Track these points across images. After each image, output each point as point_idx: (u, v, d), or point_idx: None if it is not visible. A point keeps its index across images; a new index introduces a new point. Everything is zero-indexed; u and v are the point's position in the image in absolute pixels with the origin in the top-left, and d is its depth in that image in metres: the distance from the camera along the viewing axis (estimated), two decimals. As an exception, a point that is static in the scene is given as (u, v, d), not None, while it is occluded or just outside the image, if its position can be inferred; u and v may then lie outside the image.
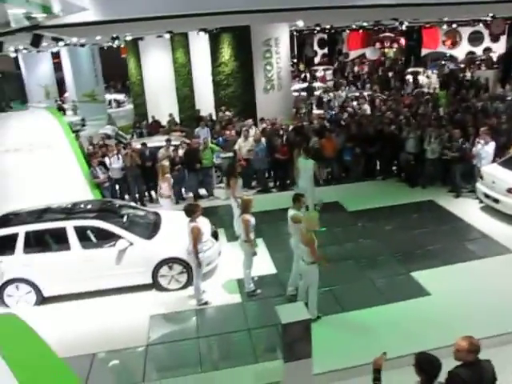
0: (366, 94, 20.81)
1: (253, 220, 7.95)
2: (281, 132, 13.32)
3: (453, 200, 11.60)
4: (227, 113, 16.63)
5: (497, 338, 6.58)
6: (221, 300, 8.02)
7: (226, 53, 17.42)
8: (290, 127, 13.53)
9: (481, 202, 11.05)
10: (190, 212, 7.89)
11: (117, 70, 34.19)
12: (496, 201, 10.31)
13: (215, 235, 9.06)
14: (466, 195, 11.70)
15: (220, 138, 14.11)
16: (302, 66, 37.33)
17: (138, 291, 8.30)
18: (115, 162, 12.05)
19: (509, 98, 18.36)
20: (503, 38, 33.66)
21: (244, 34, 17.18)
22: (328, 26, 29.91)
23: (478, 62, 34.62)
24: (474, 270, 8.50)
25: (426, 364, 4.24)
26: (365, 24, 27.64)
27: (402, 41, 39.52)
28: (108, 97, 32.34)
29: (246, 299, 8.01)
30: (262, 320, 7.37)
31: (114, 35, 17.74)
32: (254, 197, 10.40)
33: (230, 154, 12.81)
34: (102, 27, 13.08)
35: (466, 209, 11.04)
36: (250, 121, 14.89)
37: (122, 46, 28.99)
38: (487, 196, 10.60)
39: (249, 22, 16.09)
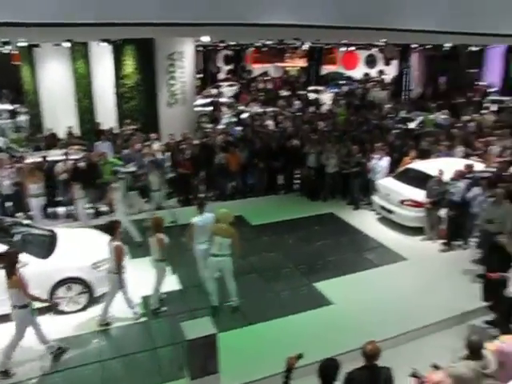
0: (269, 110, 21.37)
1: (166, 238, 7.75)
2: (184, 146, 13.15)
3: (352, 212, 12.22)
4: (131, 126, 16.17)
5: (394, 338, 7.06)
6: (125, 320, 7.69)
7: (130, 65, 16.98)
8: (195, 142, 13.45)
9: (377, 213, 11.74)
10: (112, 229, 7.59)
11: (9, 78, 31.84)
12: (390, 212, 11.02)
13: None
14: (363, 207, 12.38)
15: (124, 152, 13.62)
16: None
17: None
18: (6, 178, 11.17)
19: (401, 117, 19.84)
20: (394, 62, 36.43)
21: (148, 47, 16.90)
22: (233, 43, 30.54)
23: (373, 83, 37.09)
24: (373, 277, 9.00)
25: (325, 369, 4.41)
26: (268, 42, 28.46)
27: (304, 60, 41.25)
28: (-2, 107, 30.03)
29: (151, 317, 7.77)
30: (167, 338, 7.18)
31: (4, 40, 16.56)
32: (157, 212, 10.27)
33: (132, 169, 12.43)
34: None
35: (364, 220, 11.67)
36: (153, 135, 14.62)
37: (15, 52, 27.16)
38: (383, 207, 11.29)
39: (153, 35, 15.87)
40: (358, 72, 40.98)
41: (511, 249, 7.12)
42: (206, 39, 19.20)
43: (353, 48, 35.43)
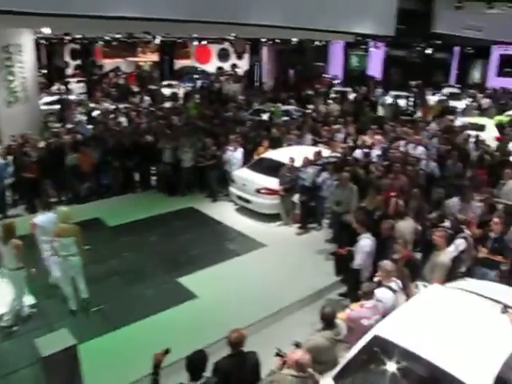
0: (121, 106, 20.61)
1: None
2: (28, 149, 12.07)
3: (211, 204, 12.36)
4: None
5: (260, 322, 7.35)
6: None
7: (-45, 58, 15.10)
8: (41, 144, 12.41)
9: (235, 203, 12.01)
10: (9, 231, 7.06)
11: None
12: (248, 201, 11.36)
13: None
14: (222, 199, 12.58)
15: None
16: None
17: None
18: None
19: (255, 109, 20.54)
20: (246, 56, 37.59)
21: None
22: (79, 36, 28.79)
23: (226, 77, 37.84)
24: (235, 266, 9.21)
25: (192, 361, 4.42)
26: (118, 36, 27.38)
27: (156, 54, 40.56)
28: None
29: (1, 339, 7.02)
30: (21, 360, 6.48)
31: None
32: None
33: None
34: None
35: (223, 211, 11.87)
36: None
37: None
38: (240, 198, 11.59)
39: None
40: (212, 66, 41.51)
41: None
42: (46, 31, 17.80)
43: (205, 42, 35.79)
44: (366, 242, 7.24)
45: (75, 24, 16.13)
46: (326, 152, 11.94)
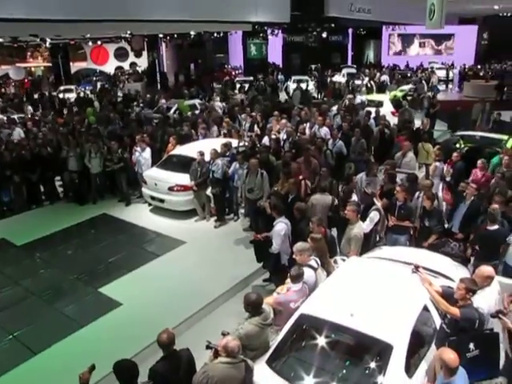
0: (15, 116, 19.30)
1: None
2: None
3: (124, 208, 11.98)
4: None
5: (188, 320, 7.32)
6: None
7: None
8: None
9: (149, 204, 11.77)
10: None
11: None
12: (161, 201, 11.16)
13: None
14: (135, 201, 12.27)
15: None
16: None
17: None
18: None
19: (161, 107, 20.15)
20: (145, 53, 36.80)
21: None
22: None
23: (126, 76, 36.84)
24: (157, 267, 9.03)
25: (122, 371, 4.31)
26: (0, 40, 25.52)
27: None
28: None
29: None
30: None
31: None
32: None
33: None
34: None
35: (138, 214, 11.56)
36: None
37: None
38: (153, 198, 11.37)
39: None
40: (111, 66, 40.21)
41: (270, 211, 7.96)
42: None
43: (99, 42, 34.53)
44: (280, 226, 7.41)
45: None
46: (234, 143, 12.00)
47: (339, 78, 29.61)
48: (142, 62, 39.55)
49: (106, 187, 12.54)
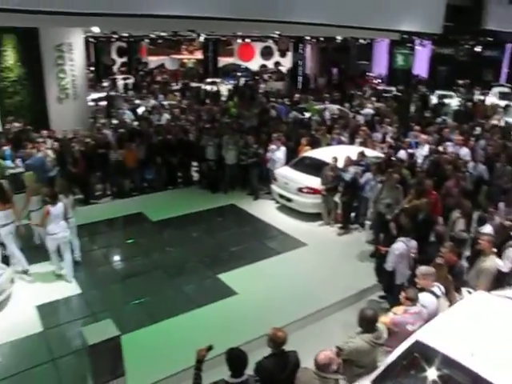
0: (165, 103, 20.95)
1: None
2: (76, 144, 12.47)
3: (252, 202, 12.38)
4: (16, 124, 15.00)
5: (299, 321, 7.31)
6: (18, 333, 7.10)
7: (11, 56, 15.71)
8: (88, 139, 12.81)
9: (276, 202, 12.01)
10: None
11: None
12: (289, 200, 11.35)
13: (6, 261, 8.09)
14: (263, 197, 12.60)
15: (6, 150, 12.58)
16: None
17: None
18: None
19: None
20: (289, 54, 37.57)
21: (31, 37, 15.73)
22: (126, 34, 29.53)
23: (269, 74, 37.90)
24: (275, 264, 9.21)
25: (235, 358, 4.46)
26: (163, 34, 27.92)
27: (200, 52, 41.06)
28: None
29: (48, 327, 7.30)
30: (67, 346, 6.78)
31: None
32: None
33: (20, 170, 11.58)
34: None
35: (264, 209, 11.89)
36: (44, 132, 13.74)
37: None
38: (281, 196, 11.60)
39: (36, 23, 14.81)
40: (255, 64, 41.64)
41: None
42: (96, 30, 18.35)
43: (248, 40, 35.96)
44: (398, 245, 7.10)
45: (122, 23, 16.53)
46: (369, 152, 11.78)
47: (491, 98, 27.44)
48: (286, 62, 40.43)
49: (238, 179, 13.06)
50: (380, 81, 35.10)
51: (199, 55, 41.72)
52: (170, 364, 6.35)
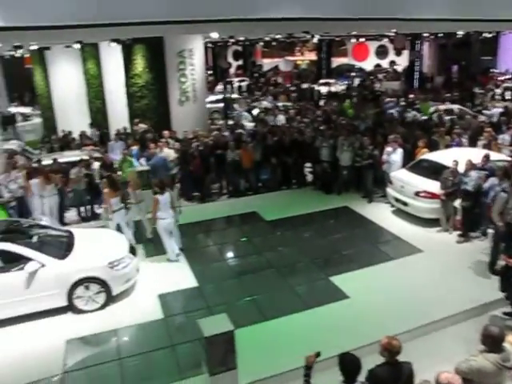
0: (280, 104, 21.28)
1: None
2: (197, 143, 13.15)
3: (366, 205, 12.12)
4: (142, 125, 16.24)
5: (412, 331, 6.96)
6: (142, 317, 7.72)
7: (140, 64, 17.06)
8: (208, 139, 13.44)
9: (392, 205, 11.64)
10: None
11: (22, 81, 32.30)
12: (405, 204, 10.92)
13: (133, 251, 8.77)
14: (378, 200, 12.27)
15: (133, 151, 13.64)
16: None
17: (52, 315, 7.76)
18: (14, 181, 11.23)
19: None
20: (405, 52, 36.15)
21: (157, 45, 16.96)
22: (242, 38, 30.49)
23: (384, 74, 36.81)
24: (389, 270, 8.93)
25: (348, 364, 4.37)
26: (278, 36, 28.38)
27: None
28: (12, 110, 30.34)
29: (168, 315, 7.81)
30: (185, 335, 7.20)
31: (17, 43, 16.73)
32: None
33: (146, 167, 12.46)
34: (2, 34, 12.28)
35: (379, 213, 11.58)
36: (165, 133, 14.69)
37: (27, 55, 27.43)
38: (397, 200, 11.20)
39: (162, 33, 15.88)
40: (369, 63, 40.67)
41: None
42: (214, 35, 19.17)
43: (363, 39, 35.22)
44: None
45: (240, 27, 17.09)
46: (494, 155, 10.92)
47: None
48: (401, 61, 38.96)
49: (352, 181, 12.86)
50: (508, 77, 32.32)
51: (313, 56, 41.71)
52: (278, 362, 6.43)
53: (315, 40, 28.72)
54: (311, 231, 10.81)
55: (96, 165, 12.30)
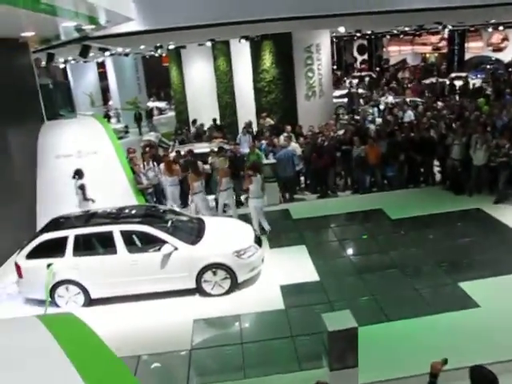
0: (408, 99, 20.42)
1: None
2: (320, 140, 13.18)
3: (501, 208, 11.15)
4: (268, 119, 16.66)
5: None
6: (264, 306, 8.00)
7: (268, 60, 17.50)
8: (332, 134, 13.39)
9: (531, 210, 10.64)
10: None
11: (159, 79, 34.99)
12: (547, 209, 9.91)
13: (258, 242, 9.08)
14: (515, 203, 11.26)
15: (262, 145, 14.04)
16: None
17: (181, 295, 8.39)
18: (152, 170, 12.22)
19: None
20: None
21: (285, 41, 17.26)
22: (369, 32, 29.79)
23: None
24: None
25: (481, 378, 4.11)
26: (406, 29, 27.24)
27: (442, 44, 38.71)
28: (150, 104, 33.00)
29: (289, 306, 7.97)
30: (304, 327, 7.30)
31: (158, 44, 18.12)
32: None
33: (273, 161, 12.75)
34: (146, 36, 13.41)
35: (516, 217, 10.66)
36: (288, 127, 14.85)
37: (164, 54, 29.66)
38: (539, 204, 10.20)
39: (290, 28, 16.13)
40: (509, 54, 37.23)
41: None
42: (342, 29, 19.00)
43: (501, 28, 32.28)
44: None
45: (368, 21, 16.73)
46: None
47: None
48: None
49: (486, 182, 11.94)
50: None
51: (444, 49, 39.32)
52: (400, 366, 6.26)
53: (446, 31, 27.09)
54: (439, 233, 10.28)
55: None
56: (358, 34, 30.53)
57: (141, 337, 7.42)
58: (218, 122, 19.57)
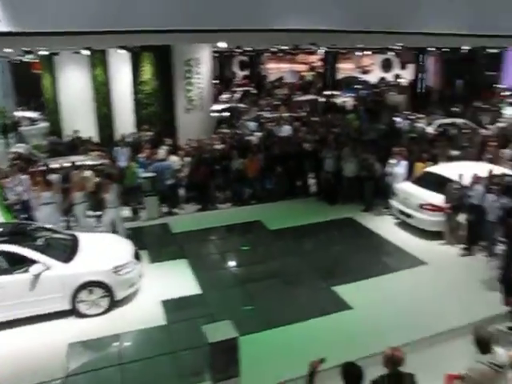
0: (285, 115, 21.33)
1: None
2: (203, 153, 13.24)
3: (370, 217, 12.12)
4: (147, 133, 16.32)
5: (415, 343, 6.93)
6: (145, 323, 7.74)
7: (147, 71, 17.17)
8: (216, 146, 13.52)
9: (396, 217, 11.64)
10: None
11: (31, 86, 32.56)
12: (409, 216, 10.94)
13: (137, 257, 8.79)
14: (382, 212, 12.24)
15: (140, 158, 13.67)
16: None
17: (55, 318, 7.80)
18: (19, 184, 11.28)
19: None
20: (410, 66, 36.23)
21: (165, 54, 17.09)
22: (249, 48, 30.70)
23: (389, 87, 36.84)
24: (392, 281, 8.93)
25: (351, 374, 4.37)
26: (284, 47, 28.53)
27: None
28: (18, 114, 30.49)
29: (171, 321, 7.81)
30: (187, 341, 7.19)
31: (26, 49, 16.88)
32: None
33: (152, 174, 12.50)
34: (12, 39, 12.41)
35: (382, 225, 11.59)
36: (167, 140, 14.59)
37: (36, 60, 27.69)
38: (401, 212, 11.21)
39: (170, 41, 16.01)
40: (374, 76, 40.79)
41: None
42: (222, 45, 19.33)
43: (369, 52, 35.36)
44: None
45: (247, 38, 17.24)
46: (498, 170, 10.94)
47: None
48: (406, 75, 39.09)
49: (356, 192, 12.80)
50: (509, 93, 32.40)
51: (319, 68, 41.88)
52: (281, 371, 6.35)
53: (320, 52, 28.96)
54: (315, 241, 10.85)
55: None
56: (239, 50, 31.33)
57: (13, 367, 6.75)
58: (94, 137, 18.61)
